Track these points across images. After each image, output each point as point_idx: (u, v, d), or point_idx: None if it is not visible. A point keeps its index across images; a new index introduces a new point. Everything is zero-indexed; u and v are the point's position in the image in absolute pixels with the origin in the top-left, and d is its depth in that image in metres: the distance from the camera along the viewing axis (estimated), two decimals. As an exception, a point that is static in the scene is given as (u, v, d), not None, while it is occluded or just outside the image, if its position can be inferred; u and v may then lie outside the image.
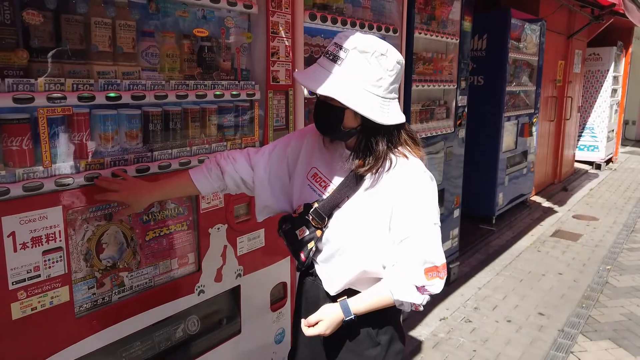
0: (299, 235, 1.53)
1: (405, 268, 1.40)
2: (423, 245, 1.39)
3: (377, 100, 1.37)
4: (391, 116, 1.40)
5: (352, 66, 1.36)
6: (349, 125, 1.43)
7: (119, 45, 1.77)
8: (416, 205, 1.41)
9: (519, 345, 3.36)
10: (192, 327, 2.16)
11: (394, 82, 1.40)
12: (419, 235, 1.40)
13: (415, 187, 1.42)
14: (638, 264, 4.89)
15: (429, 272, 1.39)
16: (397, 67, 1.40)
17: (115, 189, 1.63)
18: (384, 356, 1.53)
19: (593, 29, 8.47)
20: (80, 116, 1.66)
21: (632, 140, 14.12)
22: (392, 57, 1.38)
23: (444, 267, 1.42)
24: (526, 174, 6.65)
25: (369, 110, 1.36)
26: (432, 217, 1.42)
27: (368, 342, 1.52)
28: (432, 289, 1.41)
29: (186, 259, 2.09)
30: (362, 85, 1.36)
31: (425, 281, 1.39)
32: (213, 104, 2.12)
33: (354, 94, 1.35)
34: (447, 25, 4.05)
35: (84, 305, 1.74)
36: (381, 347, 1.53)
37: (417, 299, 1.40)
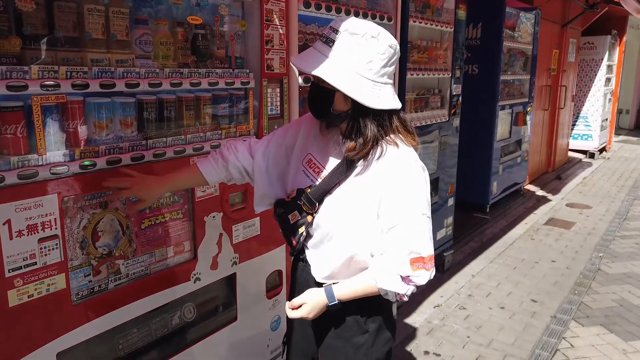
0: (291, 219, 1.54)
1: (391, 257, 1.39)
2: (410, 235, 1.38)
3: (367, 83, 1.36)
4: (382, 100, 1.38)
5: (342, 48, 1.35)
6: (339, 108, 1.43)
7: (113, 32, 1.76)
8: (405, 194, 1.39)
9: (512, 331, 3.40)
10: (188, 315, 2.18)
11: (386, 65, 1.39)
12: (406, 225, 1.38)
13: (405, 177, 1.40)
14: (630, 251, 4.94)
15: (414, 262, 1.37)
16: (389, 51, 1.38)
17: (126, 186, 1.66)
18: (371, 344, 1.53)
19: (587, 18, 8.47)
20: (74, 104, 1.65)
21: (625, 129, 14.20)
22: (384, 40, 1.37)
23: (431, 259, 1.40)
24: (520, 163, 6.68)
25: (357, 92, 1.35)
26: (421, 208, 1.40)
27: (356, 328, 1.52)
28: (417, 280, 1.39)
29: (182, 247, 2.10)
30: (352, 67, 1.35)
31: (410, 271, 1.37)
32: (207, 92, 2.12)
33: (343, 76, 1.34)
34: (441, 13, 4.04)
35: (81, 293, 1.75)
36: (369, 334, 1.53)
37: (401, 289, 1.39)
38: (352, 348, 1.53)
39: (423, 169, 1.45)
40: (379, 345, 1.54)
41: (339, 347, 1.55)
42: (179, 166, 1.99)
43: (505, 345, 3.22)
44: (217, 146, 2.14)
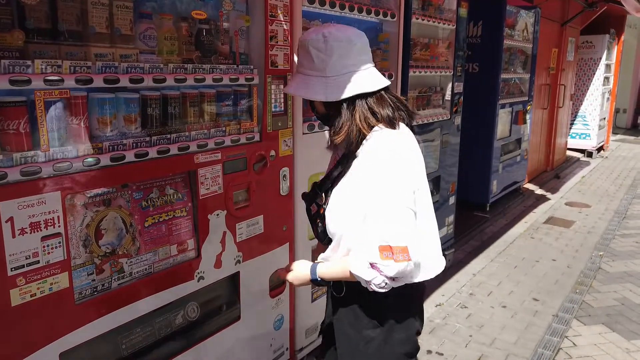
0: (312, 211, 1.63)
1: (363, 244, 1.37)
2: (379, 223, 1.35)
3: (321, 81, 1.43)
4: (335, 92, 1.42)
5: (299, 61, 1.50)
6: (320, 110, 1.53)
7: (117, 27, 1.73)
8: (373, 183, 1.38)
9: (514, 330, 3.39)
10: (192, 314, 2.15)
11: (336, 58, 1.41)
12: (375, 213, 1.36)
13: (371, 165, 1.40)
14: (630, 250, 4.94)
15: (383, 251, 1.32)
16: (328, 43, 1.41)
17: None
18: (383, 341, 1.48)
19: (586, 17, 8.48)
20: (77, 99, 1.62)
21: (622, 128, 14.24)
22: (320, 38, 1.42)
23: (403, 250, 1.32)
24: (520, 162, 6.68)
25: (308, 92, 1.45)
26: (391, 196, 1.36)
27: (366, 321, 1.49)
28: (385, 270, 1.32)
29: (185, 245, 2.07)
30: (307, 72, 1.46)
31: (378, 259, 1.32)
32: (212, 89, 2.09)
33: (300, 83, 1.47)
34: (443, 11, 4.02)
35: (84, 292, 1.72)
36: (381, 330, 1.48)
37: (366, 275, 1.35)
38: (363, 341, 1.50)
39: (393, 154, 1.41)
40: (393, 344, 1.49)
41: (351, 336, 1.53)
42: (182, 163, 1.97)
43: (507, 345, 3.21)
44: (221, 143, 2.11)
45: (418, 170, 1.47)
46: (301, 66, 1.47)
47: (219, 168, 2.12)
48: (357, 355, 1.52)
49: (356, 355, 1.52)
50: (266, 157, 2.35)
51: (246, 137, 2.25)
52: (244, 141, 2.23)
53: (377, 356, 1.49)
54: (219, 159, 2.11)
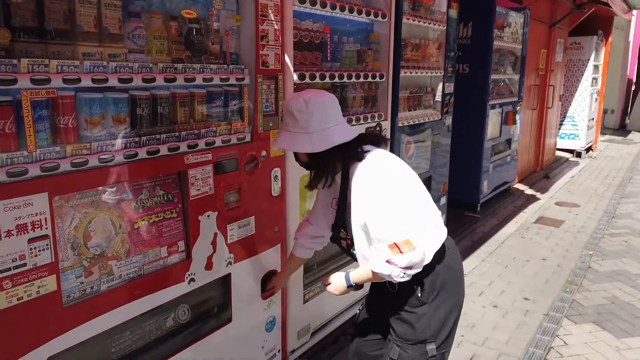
0: (344, 247, 1.96)
1: (375, 248, 1.71)
2: (378, 227, 1.67)
3: (305, 136, 1.72)
4: (319, 145, 1.72)
5: (284, 122, 1.80)
6: (303, 159, 1.85)
7: (105, 25, 1.71)
8: (363, 195, 1.71)
9: (505, 329, 3.40)
10: (182, 316, 2.13)
11: (316, 118, 1.71)
12: (373, 219, 1.68)
13: (360, 181, 1.73)
14: (619, 249, 4.99)
15: (392, 248, 1.64)
16: (308, 106, 1.70)
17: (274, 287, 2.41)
18: (432, 314, 1.79)
19: (575, 18, 8.55)
20: (65, 99, 1.60)
21: (611, 128, 14.39)
22: (302, 102, 1.72)
23: (406, 243, 1.63)
24: (510, 162, 6.71)
25: (295, 146, 1.76)
26: (382, 200, 1.68)
27: (416, 302, 1.79)
28: (399, 263, 1.63)
29: (176, 247, 2.05)
30: (292, 130, 1.75)
31: (390, 255, 1.64)
32: (202, 89, 2.07)
33: (287, 139, 1.77)
34: (434, 12, 4.04)
35: (72, 295, 1.69)
36: (428, 306, 1.78)
37: (386, 270, 1.66)
38: (415, 317, 1.80)
39: (381, 166, 1.75)
40: (440, 315, 1.79)
41: (404, 317, 1.82)
42: (172, 164, 1.95)
43: (499, 344, 3.21)
44: (211, 143, 2.09)
45: (396, 168, 1.80)
46: (286, 125, 1.77)
47: (209, 169, 2.10)
48: (412, 330, 1.81)
49: (411, 330, 1.81)
50: (257, 157, 2.33)
51: (237, 138, 2.23)
52: (234, 141, 2.22)
53: (429, 326, 1.79)
54: (210, 160, 2.09)
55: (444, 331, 1.81)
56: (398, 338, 1.85)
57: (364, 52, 3.19)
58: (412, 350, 1.81)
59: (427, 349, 1.79)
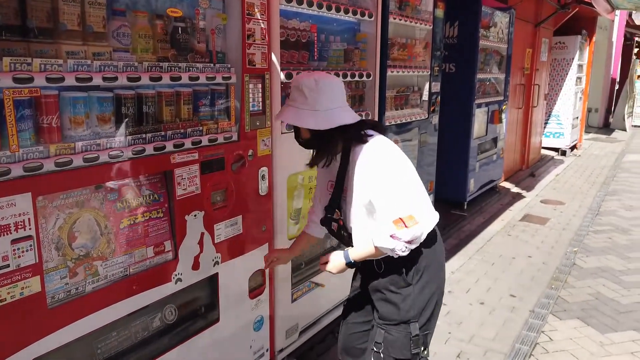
0: (334, 229, 1.97)
1: (379, 223, 1.76)
2: (385, 203, 1.74)
3: (311, 113, 1.78)
4: (324, 123, 1.76)
5: (292, 97, 1.84)
6: (304, 136, 1.89)
7: (89, 24, 1.69)
8: (370, 172, 1.77)
9: (492, 326, 3.43)
10: (169, 316, 2.12)
11: (324, 97, 1.77)
12: (380, 196, 1.75)
13: (366, 159, 1.78)
14: (603, 246, 5.06)
15: (396, 223, 1.70)
16: (318, 85, 1.76)
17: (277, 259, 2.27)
18: (417, 295, 1.87)
19: (559, 18, 8.66)
20: (48, 98, 1.58)
21: (594, 127, 14.59)
22: (312, 80, 1.78)
23: (410, 218, 1.71)
24: (496, 160, 6.77)
25: (301, 121, 1.80)
26: (388, 178, 1.75)
27: (403, 283, 1.87)
28: (403, 237, 1.70)
29: (162, 247, 2.04)
30: (299, 106, 1.80)
31: (394, 230, 1.70)
32: (188, 88, 2.06)
33: (293, 114, 1.81)
34: (420, 11, 4.06)
35: (57, 296, 1.67)
36: (413, 287, 1.87)
37: (389, 244, 1.72)
38: (400, 298, 1.87)
39: (375, 149, 1.80)
40: (425, 296, 1.88)
41: (391, 298, 1.89)
42: (158, 163, 1.94)
43: (486, 341, 3.25)
44: (198, 143, 2.08)
45: (396, 153, 1.85)
46: (293, 101, 1.81)
47: (196, 168, 2.09)
48: (397, 310, 1.87)
49: (396, 310, 1.87)
50: (244, 156, 2.33)
51: (224, 137, 2.22)
52: (221, 141, 2.21)
53: (413, 306, 1.86)
54: (196, 159, 2.08)
55: (426, 312, 1.88)
56: (382, 320, 1.92)
57: (351, 51, 3.20)
58: (396, 331, 1.88)
59: (410, 329, 1.86)
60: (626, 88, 14.62)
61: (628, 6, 9.44)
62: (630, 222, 5.86)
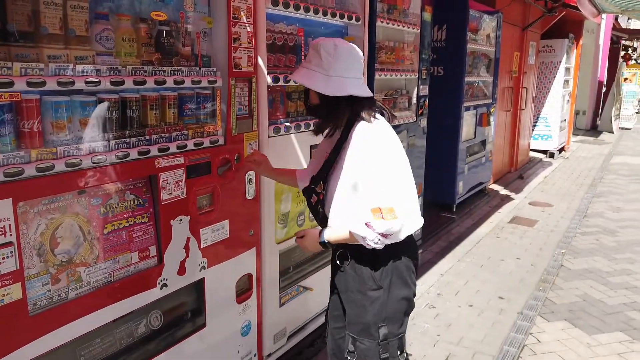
0: (313, 202, 1.90)
1: (358, 208, 1.70)
2: (369, 190, 1.68)
3: (324, 77, 1.74)
4: (333, 89, 1.73)
5: (308, 58, 1.82)
6: (313, 101, 1.85)
7: (71, 27, 1.67)
8: (362, 156, 1.71)
9: (481, 328, 3.44)
10: (155, 322, 2.09)
11: (340, 63, 1.74)
12: (365, 182, 1.69)
13: (367, 138, 1.73)
14: (590, 247, 5.10)
15: (374, 212, 1.64)
16: (337, 49, 1.74)
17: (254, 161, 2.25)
18: (386, 298, 1.78)
19: (546, 22, 8.74)
20: (30, 102, 1.56)
21: (582, 129, 14.73)
22: (331, 44, 1.75)
23: (390, 210, 1.64)
24: (485, 163, 6.81)
25: (311, 82, 1.76)
26: (377, 165, 1.69)
27: (371, 283, 1.79)
28: (377, 228, 1.64)
29: (147, 252, 2.02)
30: (313, 68, 1.77)
31: (370, 218, 1.64)
32: (173, 91, 2.05)
33: (305, 75, 1.78)
34: (408, 14, 4.07)
35: (38, 303, 1.65)
36: (383, 290, 1.78)
37: (362, 232, 1.66)
38: (368, 301, 1.79)
39: (377, 136, 1.74)
40: (393, 302, 1.79)
41: (358, 300, 1.83)
42: (142, 167, 1.92)
43: (474, 343, 3.25)
44: (183, 147, 2.07)
45: (395, 145, 1.79)
46: (309, 62, 1.79)
47: (181, 172, 2.07)
48: (364, 313, 1.81)
49: (364, 314, 1.81)
50: (231, 160, 2.31)
51: (210, 141, 2.21)
52: (207, 144, 2.19)
53: (382, 312, 1.79)
54: (182, 163, 2.07)
55: (397, 316, 1.81)
56: (350, 326, 1.86)
57: (339, 54, 3.19)
58: (368, 341, 1.80)
59: (379, 333, 1.78)
60: (613, 91, 14.79)
61: (614, 10, 9.56)
62: (617, 224, 5.91)
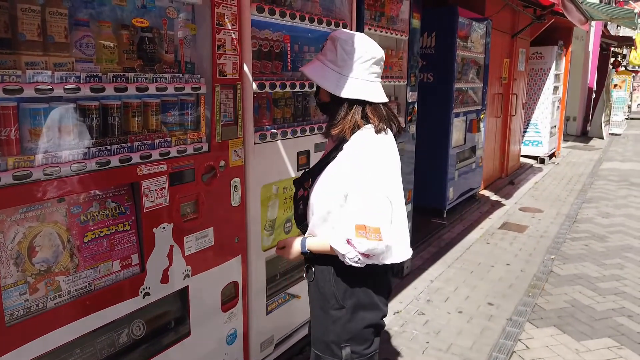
0: (298, 195, 1.85)
1: (343, 222, 1.60)
2: (357, 205, 1.58)
3: (336, 75, 1.66)
4: (345, 90, 1.64)
5: (324, 50, 1.72)
6: (324, 99, 1.76)
7: (50, 34, 1.66)
8: (358, 168, 1.60)
9: (470, 335, 3.43)
10: (137, 332, 2.07)
11: (356, 62, 1.64)
12: (355, 195, 1.59)
13: (359, 154, 1.62)
14: (580, 253, 5.12)
15: (358, 229, 1.54)
16: (354, 45, 1.64)
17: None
18: (348, 320, 1.69)
19: (536, 29, 8.81)
20: (6, 110, 1.54)
21: (573, 135, 14.84)
22: (350, 40, 1.65)
23: (376, 231, 1.54)
24: (475, 169, 6.83)
25: (322, 80, 1.67)
26: (371, 182, 1.58)
27: (333, 302, 1.71)
28: (358, 246, 1.54)
29: (129, 261, 2.00)
30: (326, 63, 1.68)
31: (353, 236, 1.55)
32: (156, 98, 2.04)
33: (317, 70, 1.69)
34: (396, 21, 4.08)
35: (15, 313, 1.62)
36: (345, 310, 1.69)
37: (342, 249, 1.57)
38: (330, 320, 1.71)
39: (377, 149, 1.64)
40: (357, 323, 1.70)
41: (320, 317, 1.76)
42: (124, 175, 1.90)
43: (463, 350, 3.24)
44: (166, 154, 2.05)
45: (394, 166, 1.70)
46: (324, 55, 1.70)
47: (164, 179, 2.05)
48: (326, 333, 1.73)
49: (325, 333, 1.73)
50: (215, 167, 2.30)
51: (194, 148, 2.19)
52: (191, 152, 2.18)
53: (344, 332, 1.70)
54: (165, 170, 2.05)
55: (363, 338, 1.72)
56: (314, 343, 1.80)
57: (326, 61, 3.19)
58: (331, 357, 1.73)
59: (342, 353, 1.70)
60: (603, 97, 14.93)
61: (602, 17, 9.67)
62: (607, 230, 5.94)
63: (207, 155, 2.26)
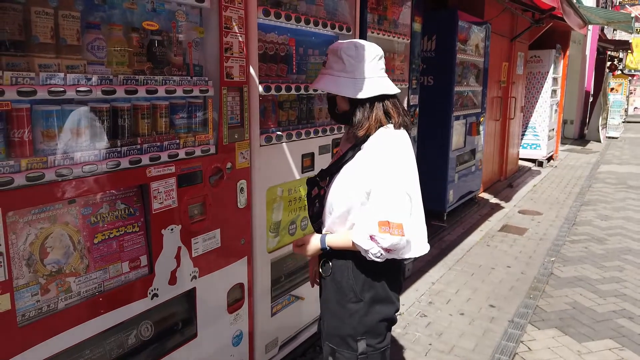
0: (313, 194, 1.86)
1: (366, 218, 1.62)
2: (380, 201, 1.61)
3: (350, 81, 1.69)
4: (364, 90, 1.67)
5: (328, 64, 1.76)
6: (342, 108, 1.78)
7: (62, 37, 1.67)
8: (379, 166, 1.64)
9: (472, 337, 3.45)
10: (145, 333, 2.07)
11: (365, 64, 1.68)
12: (378, 191, 1.62)
13: (380, 152, 1.67)
14: (580, 255, 5.14)
15: (382, 225, 1.57)
16: (358, 51, 1.69)
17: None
18: (365, 313, 1.73)
19: (534, 32, 8.86)
20: (20, 112, 1.55)
21: (570, 138, 14.91)
22: (352, 46, 1.70)
23: (399, 227, 1.58)
24: (474, 172, 6.86)
25: (339, 89, 1.70)
26: (393, 179, 1.62)
27: (351, 296, 1.74)
28: (381, 242, 1.57)
29: (138, 262, 2.01)
30: (336, 74, 1.72)
31: (376, 232, 1.57)
32: (165, 100, 2.05)
33: (330, 81, 1.72)
34: (398, 25, 4.12)
35: (27, 314, 1.63)
36: (363, 303, 1.73)
37: (365, 245, 1.61)
38: (347, 313, 1.75)
39: (398, 148, 1.69)
40: (373, 316, 1.74)
41: (336, 311, 1.78)
42: (133, 177, 1.91)
43: (466, 351, 3.26)
44: (175, 156, 2.06)
45: (412, 162, 1.73)
46: (330, 69, 1.74)
47: (172, 181, 2.07)
48: (342, 327, 1.76)
49: (341, 327, 1.76)
50: (222, 169, 2.31)
51: (201, 150, 2.21)
52: (199, 154, 2.19)
53: (360, 325, 1.74)
54: (173, 172, 2.07)
55: (377, 332, 1.75)
56: (329, 337, 1.81)
57: (330, 64, 3.22)
58: (347, 353, 1.75)
59: (358, 346, 1.73)
60: (600, 100, 15.01)
61: (599, 21, 9.75)
62: (606, 232, 5.97)
63: (215, 157, 2.27)
